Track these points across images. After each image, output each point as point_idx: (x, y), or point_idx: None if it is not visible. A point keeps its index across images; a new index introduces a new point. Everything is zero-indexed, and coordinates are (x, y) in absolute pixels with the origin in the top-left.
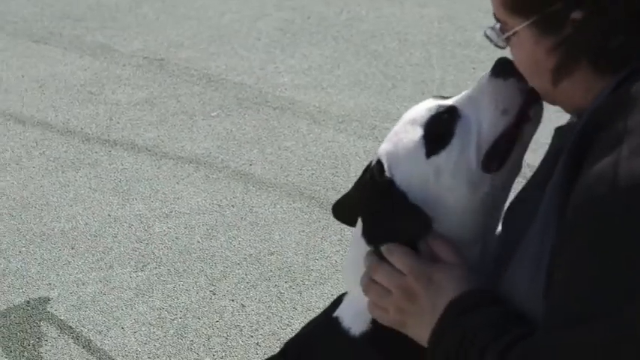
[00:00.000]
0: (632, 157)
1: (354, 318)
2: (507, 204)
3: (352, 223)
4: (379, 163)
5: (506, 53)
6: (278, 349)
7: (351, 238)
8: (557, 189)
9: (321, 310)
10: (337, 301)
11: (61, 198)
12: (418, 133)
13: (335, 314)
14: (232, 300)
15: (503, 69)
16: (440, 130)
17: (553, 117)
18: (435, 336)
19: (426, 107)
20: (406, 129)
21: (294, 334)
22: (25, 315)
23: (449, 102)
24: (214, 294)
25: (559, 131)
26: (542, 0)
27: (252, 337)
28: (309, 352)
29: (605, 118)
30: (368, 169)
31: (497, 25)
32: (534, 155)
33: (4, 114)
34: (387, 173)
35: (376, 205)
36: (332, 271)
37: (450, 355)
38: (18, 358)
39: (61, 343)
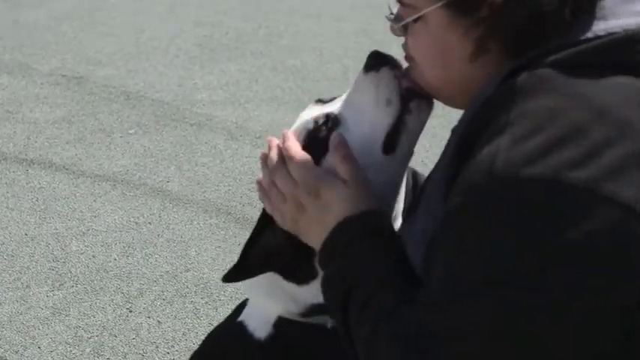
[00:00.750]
0: (510, 148)
1: (259, 322)
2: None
3: None
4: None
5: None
6: None
7: None
8: (444, 177)
9: None
10: (239, 308)
11: None
12: None
13: (239, 319)
14: (148, 317)
15: (373, 62)
16: (319, 142)
17: None
18: (324, 254)
19: (303, 124)
20: None
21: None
22: None
23: (328, 109)
24: (131, 311)
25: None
26: None
27: (168, 353)
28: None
29: (492, 111)
30: None
31: (397, 11)
32: None
33: None
34: None
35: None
36: None
37: (336, 292)
38: None
39: None
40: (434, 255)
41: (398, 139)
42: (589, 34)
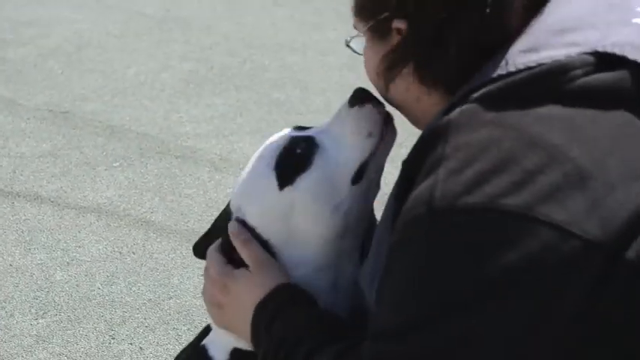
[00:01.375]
0: (446, 180)
1: (218, 347)
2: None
3: None
4: (229, 205)
5: None
6: None
7: None
8: (390, 216)
9: None
10: (206, 331)
11: None
12: (268, 167)
13: (202, 343)
14: (131, 344)
15: (358, 97)
16: (295, 160)
17: None
18: (254, 341)
19: (276, 143)
20: (255, 166)
21: None
22: None
23: (306, 133)
24: (113, 338)
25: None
26: (376, 7)
27: None
28: None
29: (428, 148)
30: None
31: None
32: None
33: None
34: (235, 214)
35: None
36: None
37: None
38: None
39: None
40: (381, 290)
41: (365, 169)
42: (520, 66)
